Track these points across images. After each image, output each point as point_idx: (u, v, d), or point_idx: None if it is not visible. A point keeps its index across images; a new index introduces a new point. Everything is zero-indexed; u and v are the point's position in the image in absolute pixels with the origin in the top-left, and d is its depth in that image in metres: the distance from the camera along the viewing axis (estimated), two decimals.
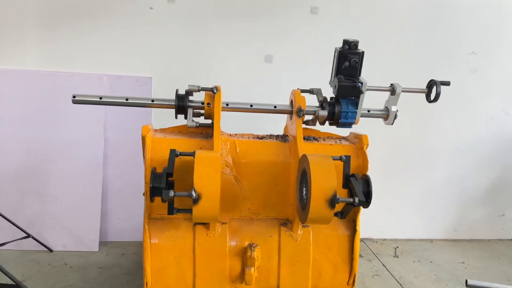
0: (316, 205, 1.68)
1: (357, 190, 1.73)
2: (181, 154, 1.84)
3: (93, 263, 3.27)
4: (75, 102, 2.08)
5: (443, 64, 3.72)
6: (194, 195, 1.60)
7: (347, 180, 1.85)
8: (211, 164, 1.68)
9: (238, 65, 3.46)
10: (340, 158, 1.89)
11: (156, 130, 2.21)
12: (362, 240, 3.98)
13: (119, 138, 3.44)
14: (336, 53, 2.16)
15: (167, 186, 1.76)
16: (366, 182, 1.82)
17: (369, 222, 4.01)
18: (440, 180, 4.01)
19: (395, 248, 3.81)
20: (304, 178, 1.80)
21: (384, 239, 4.03)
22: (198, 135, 2.16)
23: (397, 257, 3.70)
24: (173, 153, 1.81)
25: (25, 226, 3.30)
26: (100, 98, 2.09)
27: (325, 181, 1.68)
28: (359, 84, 2.05)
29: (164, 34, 3.34)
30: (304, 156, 1.81)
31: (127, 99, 2.11)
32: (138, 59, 3.36)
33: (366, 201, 1.78)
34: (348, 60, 2.09)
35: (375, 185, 3.91)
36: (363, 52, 2.10)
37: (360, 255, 3.63)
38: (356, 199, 1.68)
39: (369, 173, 2.03)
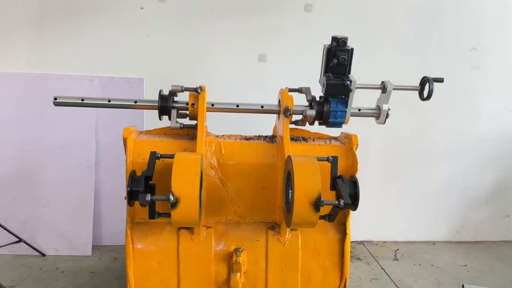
0: (300, 208, 1.63)
1: (343, 192, 1.67)
2: (162, 156, 1.80)
3: (85, 268, 3.24)
4: (56, 104, 2.06)
5: (443, 61, 3.65)
6: (172, 198, 1.56)
7: (334, 182, 1.80)
8: (191, 166, 1.63)
9: (231, 64, 3.42)
10: (327, 159, 1.84)
11: (140, 132, 2.17)
12: (361, 242, 3.92)
13: (111, 140, 3.42)
14: (324, 51, 2.11)
15: (147, 190, 1.72)
16: (353, 183, 1.77)
17: (368, 224, 3.97)
18: (441, 180, 3.94)
19: (395, 251, 3.74)
20: (289, 180, 1.75)
21: (384, 242, 3.96)
22: (184, 137, 2.11)
23: (397, 260, 3.63)
24: (153, 156, 1.78)
25: (16, 230, 3.29)
26: (82, 99, 2.06)
27: (309, 183, 1.63)
28: (348, 82, 2.00)
29: (155, 34, 3.31)
30: (289, 157, 1.77)
31: (109, 101, 2.07)
32: (129, 60, 3.33)
33: (353, 203, 1.73)
34: (337, 58, 2.04)
35: (374, 185, 3.92)
36: (352, 49, 2.05)
37: (358, 258, 3.60)
38: (342, 202, 1.63)
39: (367, 173, 1.98)
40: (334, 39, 2.05)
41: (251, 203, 2.04)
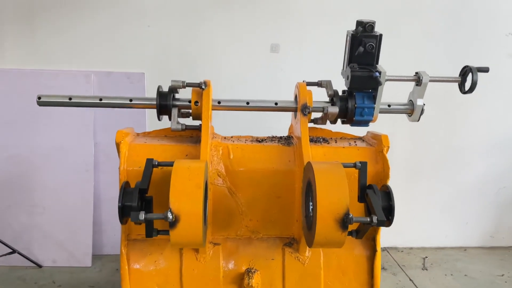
0: (324, 226, 1.39)
1: (375, 206, 1.43)
2: (160, 164, 1.57)
3: (84, 281, 3.05)
4: (40, 104, 1.86)
5: (475, 49, 3.40)
6: (170, 217, 1.33)
7: (363, 193, 1.55)
8: (192, 177, 1.40)
9: (240, 56, 3.20)
10: (354, 165, 1.59)
11: (138, 134, 1.96)
12: (385, 249, 3.67)
13: (110, 141, 3.13)
14: (348, 37, 1.86)
15: (142, 205, 1.50)
16: (387, 194, 1.52)
17: (393, 228, 3.69)
18: (473, 180, 3.70)
19: (424, 259, 3.49)
20: (309, 191, 1.51)
21: (411, 248, 3.71)
22: (187, 140, 1.89)
23: (426, 269, 3.37)
24: (150, 164, 1.55)
25: (11, 240, 3.12)
26: (70, 98, 1.85)
27: (335, 196, 1.39)
28: (377, 73, 1.75)
29: (156, 24, 3.09)
30: (309, 164, 1.53)
31: (100, 99, 1.86)
32: (128, 53, 3.13)
33: (387, 219, 1.48)
34: (363, 45, 1.79)
35: (399, 186, 3.64)
36: (380, 35, 1.81)
37: (383, 268, 3.34)
38: (375, 218, 1.38)
39: (391, 177, 1.75)
40: (359, 23, 1.81)
41: (265, 216, 1.81)
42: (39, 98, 1.84)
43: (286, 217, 1.81)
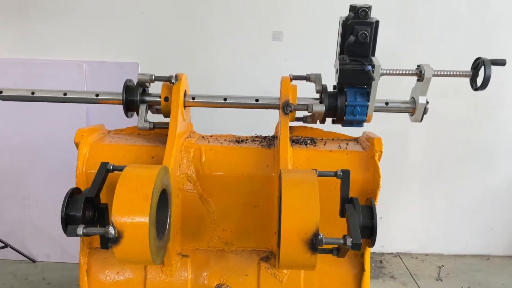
0: (290, 247, 1.22)
1: (351, 224, 1.24)
2: (115, 168, 1.43)
3: (76, 278, 2.98)
4: (2, 98, 1.75)
5: (502, 36, 3.05)
6: (113, 232, 1.19)
7: (344, 207, 1.36)
8: (140, 187, 1.25)
9: (239, 44, 3.04)
10: (335, 174, 1.40)
11: (109, 132, 1.84)
12: (397, 255, 3.45)
13: None
14: (340, 25, 1.65)
15: (93, 215, 1.38)
16: (369, 210, 1.32)
17: (407, 232, 3.50)
18: (499, 183, 3.44)
19: (440, 268, 3.24)
20: (279, 204, 1.33)
21: (426, 255, 3.48)
22: (159, 139, 1.74)
23: (441, 280, 3.14)
24: (104, 168, 1.43)
25: (5, 234, 3.10)
26: (32, 93, 1.75)
27: (303, 213, 1.22)
28: (369, 67, 1.53)
29: (151, 11, 2.96)
30: (280, 172, 1.34)
31: (65, 94, 1.74)
32: (121, 42, 3.02)
33: (369, 239, 1.29)
34: (355, 34, 1.57)
35: (416, 188, 3.41)
36: (376, 22, 1.60)
37: (392, 277, 3.14)
38: (349, 241, 1.19)
39: (407, 174, 1.54)
40: (352, 8, 1.60)
41: (240, 226, 1.66)
42: (1, 92, 1.74)
43: (263, 228, 1.64)
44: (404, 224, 3.46)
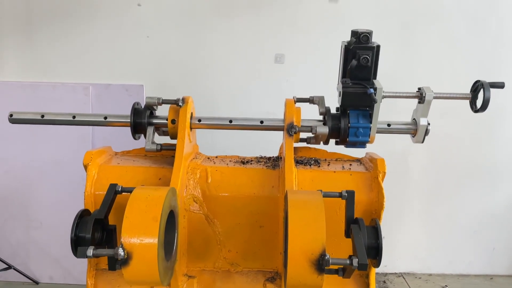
0: (297, 268, 1.23)
1: (357, 245, 1.25)
2: (124, 190, 1.45)
3: None
4: (12, 121, 1.79)
5: (502, 58, 3.10)
6: (122, 253, 1.20)
7: (349, 227, 1.37)
8: (150, 208, 1.27)
9: (242, 67, 3.10)
10: (340, 195, 1.42)
11: (116, 154, 1.86)
12: (401, 275, 3.43)
13: None
14: (342, 49, 1.69)
15: (102, 237, 1.39)
16: (374, 231, 1.33)
17: (410, 252, 3.48)
18: (502, 201, 3.45)
19: None
20: (286, 225, 1.35)
21: (430, 274, 3.47)
22: (165, 161, 1.77)
23: None
24: (112, 189, 1.44)
25: (8, 255, 3.10)
26: (42, 116, 1.78)
27: (309, 233, 1.23)
28: (371, 90, 1.57)
29: (155, 35, 3.03)
30: (286, 193, 1.36)
31: (74, 117, 1.77)
32: (127, 65, 3.08)
33: (374, 259, 1.30)
34: (357, 58, 1.61)
35: (417, 207, 3.41)
36: (377, 47, 1.64)
37: None
38: (355, 261, 1.20)
39: (408, 193, 1.55)
40: (353, 33, 1.65)
41: (245, 247, 1.66)
42: (11, 115, 1.78)
43: (269, 249, 1.65)
44: (407, 244, 3.45)
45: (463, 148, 3.31)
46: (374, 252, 1.31)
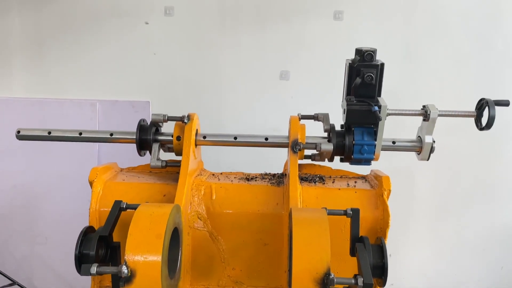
0: (301, 287, 1.21)
1: (362, 264, 1.23)
2: (129, 207, 1.45)
3: None
4: (20, 138, 1.80)
5: (507, 76, 3.11)
6: (126, 271, 1.20)
7: (354, 246, 1.36)
8: (154, 226, 1.27)
9: (248, 84, 3.10)
10: (345, 213, 1.41)
11: (121, 170, 1.86)
12: None
13: None
14: (346, 67, 1.71)
15: (106, 253, 1.38)
16: (379, 249, 1.32)
17: (417, 270, 3.43)
18: (508, 220, 3.37)
19: None
20: (290, 243, 1.34)
21: None
22: (170, 177, 1.77)
23: None
24: (117, 206, 1.44)
25: (12, 271, 3.08)
26: (49, 132, 1.80)
27: (313, 252, 1.22)
28: (376, 108, 1.57)
29: (162, 52, 3.05)
30: (291, 211, 1.36)
31: (80, 133, 1.79)
32: (133, 82, 3.10)
33: (380, 279, 1.28)
34: (361, 76, 1.62)
35: (424, 225, 3.37)
36: (382, 65, 1.65)
37: None
38: (360, 280, 1.19)
39: (414, 211, 1.52)
40: (357, 52, 1.66)
41: (250, 264, 1.65)
42: (18, 132, 1.79)
43: (274, 267, 1.63)
44: (414, 262, 3.41)
45: (470, 165, 3.28)
46: (380, 271, 1.30)
